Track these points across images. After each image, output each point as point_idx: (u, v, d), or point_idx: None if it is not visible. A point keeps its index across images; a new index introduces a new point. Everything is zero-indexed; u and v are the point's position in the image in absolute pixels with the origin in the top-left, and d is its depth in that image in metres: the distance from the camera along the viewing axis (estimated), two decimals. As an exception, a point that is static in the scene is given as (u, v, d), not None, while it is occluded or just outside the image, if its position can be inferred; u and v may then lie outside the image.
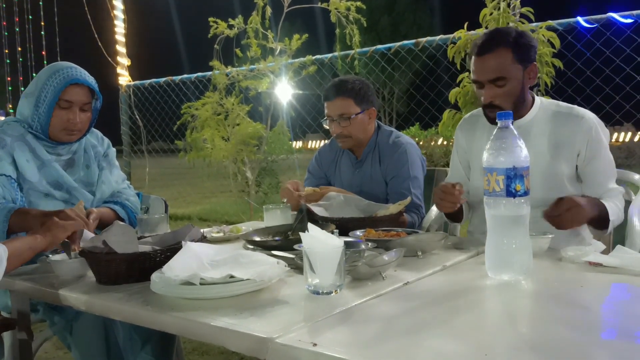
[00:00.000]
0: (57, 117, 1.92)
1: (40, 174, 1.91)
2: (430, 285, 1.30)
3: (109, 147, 2.21)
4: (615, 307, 1.14)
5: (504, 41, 1.77)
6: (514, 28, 1.90)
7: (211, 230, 2.07)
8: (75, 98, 1.93)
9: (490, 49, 1.77)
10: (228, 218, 7.05)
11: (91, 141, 2.12)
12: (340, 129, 2.29)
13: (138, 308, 1.20)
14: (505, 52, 1.77)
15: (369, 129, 2.35)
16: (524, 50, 1.78)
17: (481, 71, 1.80)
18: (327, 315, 1.08)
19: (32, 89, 1.94)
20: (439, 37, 4.94)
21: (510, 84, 1.77)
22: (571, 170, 1.84)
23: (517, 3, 3.69)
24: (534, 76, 1.83)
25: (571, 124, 1.82)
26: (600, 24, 4.21)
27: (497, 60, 1.77)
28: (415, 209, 2.19)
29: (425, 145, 8.74)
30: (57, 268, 1.49)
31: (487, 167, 1.30)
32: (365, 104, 2.29)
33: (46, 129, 1.94)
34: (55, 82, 1.90)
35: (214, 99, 5.43)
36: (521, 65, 1.79)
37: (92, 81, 1.98)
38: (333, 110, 2.30)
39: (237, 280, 1.21)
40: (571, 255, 1.44)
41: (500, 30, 1.85)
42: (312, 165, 2.56)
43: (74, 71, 1.94)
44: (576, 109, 1.85)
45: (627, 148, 14.19)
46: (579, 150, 1.81)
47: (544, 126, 1.84)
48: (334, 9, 5.12)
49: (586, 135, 1.80)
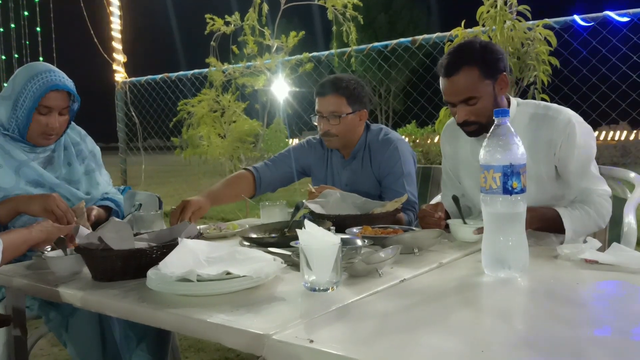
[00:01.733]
0: (36, 122, 1.92)
1: (18, 175, 1.90)
2: (426, 282, 1.30)
3: (94, 146, 2.20)
4: (610, 304, 1.15)
5: (469, 59, 1.73)
6: (478, 41, 1.81)
7: (207, 227, 2.06)
8: (54, 103, 1.92)
9: (456, 69, 1.74)
10: (224, 215, 7.05)
11: (72, 138, 2.12)
12: (329, 126, 2.25)
13: (134, 305, 1.20)
14: (472, 70, 1.73)
15: (357, 130, 2.31)
16: (491, 64, 1.75)
17: (451, 93, 1.78)
18: (323, 312, 1.08)
19: (9, 92, 1.92)
20: (436, 35, 4.94)
21: (482, 101, 1.74)
22: (551, 171, 1.81)
23: (514, 1, 3.70)
24: (505, 86, 1.79)
25: (547, 124, 1.79)
26: (597, 23, 4.23)
27: (465, 81, 1.73)
28: (411, 207, 2.19)
29: (421, 143, 8.74)
30: (52, 264, 1.48)
31: (483, 165, 1.30)
32: (357, 105, 2.26)
33: (24, 133, 1.93)
34: (35, 88, 1.88)
35: (210, 96, 5.42)
36: (490, 80, 1.75)
37: (71, 85, 1.97)
38: (324, 106, 2.26)
39: (234, 277, 1.21)
40: (567, 252, 1.44)
41: (463, 48, 1.79)
42: (297, 149, 2.45)
43: (53, 76, 1.91)
44: (552, 109, 1.81)
45: (623, 146, 14.25)
46: (555, 150, 1.78)
47: (522, 128, 1.80)
48: (331, 6, 5.12)
49: (561, 134, 1.76)
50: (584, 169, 1.77)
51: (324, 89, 2.26)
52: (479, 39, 1.84)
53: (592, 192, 1.76)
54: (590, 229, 1.75)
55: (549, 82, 3.46)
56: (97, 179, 2.15)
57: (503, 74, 1.78)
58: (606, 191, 1.78)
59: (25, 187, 1.90)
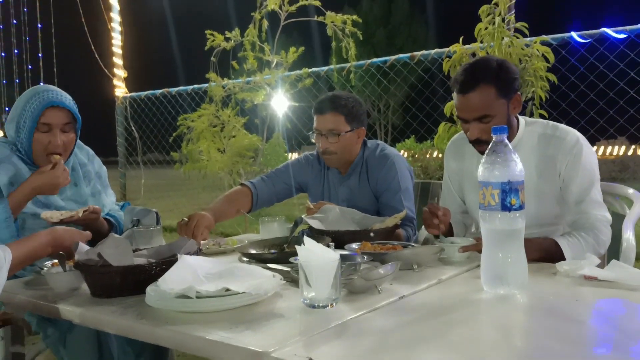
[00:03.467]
0: (37, 142, 1.92)
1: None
2: (426, 298, 1.30)
3: (100, 167, 2.21)
4: (610, 321, 1.14)
5: (485, 77, 1.72)
6: (494, 59, 1.79)
7: (207, 243, 2.06)
8: (53, 120, 1.92)
9: (472, 86, 1.73)
10: (224, 230, 7.03)
11: (80, 159, 2.12)
12: (327, 144, 2.25)
13: (132, 321, 1.20)
14: (488, 88, 1.72)
15: (355, 148, 2.31)
16: (507, 83, 1.74)
17: (465, 110, 1.77)
18: (322, 329, 1.07)
19: (13, 115, 1.94)
20: (434, 51, 4.98)
21: (496, 119, 1.74)
22: (555, 190, 1.81)
23: (512, 18, 3.73)
24: (518, 105, 1.79)
25: (554, 145, 1.79)
26: (594, 39, 4.27)
27: (480, 99, 1.72)
28: (409, 222, 2.19)
29: (420, 157, 8.76)
30: (51, 281, 1.48)
31: (482, 181, 1.31)
32: (355, 123, 2.26)
33: (30, 154, 1.94)
34: (33, 107, 1.90)
35: (210, 110, 5.43)
36: (505, 99, 1.74)
37: (70, 102, 1.97)
38: (323, 124, 2.25)
39: (233, 294, 1.21)
40: (566, 269, 1.44)
41: (480, 66, 1.77)
42: (281, 170, 2.43)
43: (50, 94, 1.92)
44: (560, 129, 1.82)
45: (621, 162, 14.28)
46: (559, 171, 1.78)
47: (530, 148, 1.82)
48: (330, 22, 5.15)
49: (566, 156, 1.76)
50: (586, 192, 1.75)
51: (323, 107, 2.26)
52: (494, 57, 1.83)
53: (592, 216, 1.73)
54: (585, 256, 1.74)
55: (547, 98, 3.48)
56: (103, 201, 2.16)
57: (517, 93, 1.78)
58: (606, 217, 1.75)
59: (32, 207, 1.91)
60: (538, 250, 1.63)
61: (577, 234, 1.70)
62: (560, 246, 1.66)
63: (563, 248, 1.65)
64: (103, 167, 2.23)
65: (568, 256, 1.64)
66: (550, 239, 1.70)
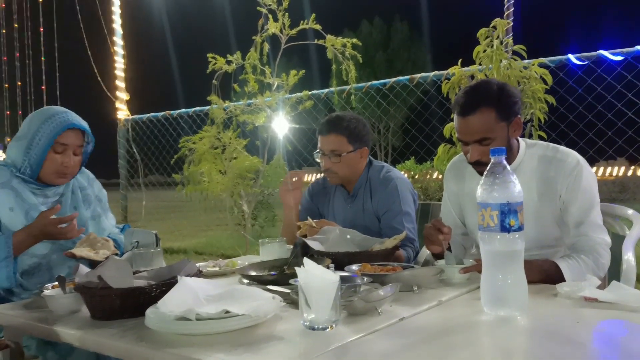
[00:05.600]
0: (50, 160, 1.95)
1: (27, 218, 1.92)
2: (426, 320, 1.30)
3: (100, 191, 2.23)
4: (611, 343, 1.14)
5: (486, 100, 1.73)
6: (495, 82, 1.79)
7: (207, 265, 2.06)
8: (70, 141, 1.97)
9: (472, 109, 1.73)
10: (224, 252, 7.01)
11: (80, 182, 2.14)
12: (330, 164, 2.30)
13: (132, 344, 1.19)
14: (488, 112, 1.73)
15: (358, 167, 2.34)
16: (507, 106, 1.74)
17: (465, 132, 1.78)
18: (322, 351, 1.07)
19: (24, 133, 1.96)
20: (433, 74, 5.04)
21: (496, 142, 1.74)
22: (555, 212, 1.81)
23: (510, 40, 3.79)
24: (518, 128, 1.80)
25: (554, 167, 1.79)
26: (591, 61, 4.32)
27: (480, 122, 1.73)
28: (410, 243, 2.20)
29: (420, 179, 8.78)
30: (51, 303, 1.48)
31: (481, 203, 1.31)
32: (358, 143, 2.30)
33: (37, 172, 1.96)
34: (52, 127, 1.94)
35: (211, 133, 5.46)
36: (505, 122, 1.75)
37: (86, 125, 2.03)
38: (326, 145, 2.30)
39: (233, 316, 1.20)
40: (567, 290, 1.44)
41: (481, 89, 1.77)
42: (305, 199, 2.55)
43: (69, 116, 1.99)
44: (560, 151, 1.82)
45: (621, 182, 14.26)
46: (560, 193, 1.78)
47: (531, 170, 1.82)
48: (330, 45, 5.21)
49: (567, 178, 1.76)
50: (586, 214, 1.75)
51: (326, 128, 2.31)
52: (495, 80, 1.84)
53: (591, 239, 1.73)
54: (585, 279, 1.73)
55: (545, 120, 3.51)
56: (103, 224, 2.18)
57: (518, 116, 1.78)
58: (605, 241, 1.74)
59: None
60: (538, 272, 1.63)
61: (577, 256, 1.70)
62: (560, 268, 1.66)
63: (563, 270, 1.65)
64: (103, 191, 2.25)
65: (568, 278, 1.63)
66: (550, 261, 1.70)
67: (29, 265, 1.91)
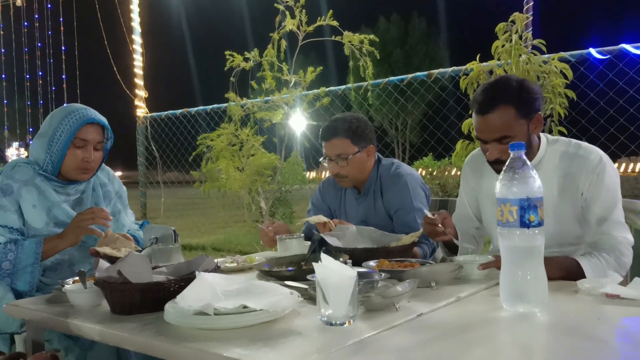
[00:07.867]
0: (71, 156, 1.98)
1: (49, 216, 1.95)
2: (444, 316, 1.29)
3: (120, 187, 2.25)
4: (633, 340, 1.12)
5: (505, 98, 1.70)
6: (515, 78, 1.76)
7: (225, 260, 2.07)
8: (90, 137, 2.00)
9: (491, 107, 1.70)
10: (242, 248, 7.05)
11: (101, 179, 2.17)
12: (338, 169, 2.26)
13: (151, 338, 1.21)
14: (508, 109, 1.69)
15: (367, 166, 2.32)
16: (527, 104, 1.71)
17: (484, 130, 1.75)
18: (340, 346, 1.07)
19: (45, 130, 2.00)
20: (451, 69, 5.00)
21: (516, 140, 1.68)
22: (577, 210, 1.78)
23: (529, 35, 3.73)
24: (539, 125, 1.77)
25: (576, 164, 1.76)
26: (613, 55, 4.24)
27: (500, 120, 1.70)
28: (426, 240, 2.18)
29: (438, 175, 8.73)
30: (72, 298, 1.50)
31: (500, 198, 1.30)
32: (362, 143, 2.26)
33: (58, 168, 1.99)
34: (71, 122, 1.97)
35: (229, 130, 5.49)
36: (525, 119, 1.72)
37: (105, 121, 2.06)
38: (330, 150, 2.27)
39: (251, 311, 1.21)
40: (588, 287, 1.42)
41: (500, 86, 1.74)
42: (316, 197, 2.54)
43: (88, 111, 2.02)
44: (583, 148, 1.79)
45: (644, 178, 14.01)
46: (582, 190, 1.75)
47: (552, 167, 1.79)
48: (348, 42, 5.20)
49: (589, 175, 1.73)
50: (608, 212, 1.72)
51: (327, 134, 2.27)
52: (515, 76, 1.80)
53: (613, 238, 1.70)
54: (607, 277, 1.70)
55: (565, 115, 3.46)
56: (123, 221, 2.21)
57: (538, 113, 1.75)
58: (627, 239, 1.71)
59: (53, 229, 1.95)
60: (559, 269, 1.60)
61: (599, 254, 1.67)
62: (581, 266, 1.63)
63: (584, 268, 1.62)
64: (123, 187, 2.28)
65: (589, 276, 1.60)
66: (571, 258, 1.68)
67: (52, 262, 1.94)
